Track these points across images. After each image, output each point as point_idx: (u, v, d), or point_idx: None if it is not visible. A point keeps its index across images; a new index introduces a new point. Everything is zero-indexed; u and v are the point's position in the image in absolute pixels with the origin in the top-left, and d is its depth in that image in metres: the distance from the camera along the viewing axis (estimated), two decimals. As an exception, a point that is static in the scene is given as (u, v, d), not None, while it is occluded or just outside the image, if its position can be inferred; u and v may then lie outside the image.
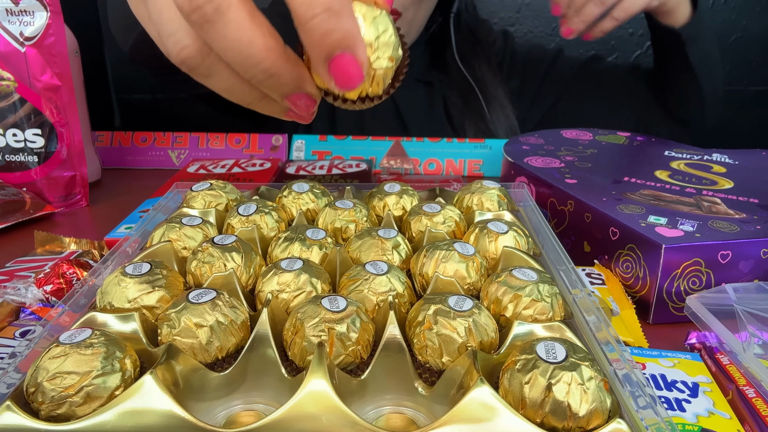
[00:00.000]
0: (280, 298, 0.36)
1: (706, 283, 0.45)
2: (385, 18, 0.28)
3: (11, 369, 0.30)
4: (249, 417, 0.31)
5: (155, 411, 0.27)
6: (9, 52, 0.62)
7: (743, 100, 1.18)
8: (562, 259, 0.41)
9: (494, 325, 0.34)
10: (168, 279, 0.37)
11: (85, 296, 0.37)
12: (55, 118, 0.65)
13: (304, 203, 0.50)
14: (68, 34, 0.67)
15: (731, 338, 0.38)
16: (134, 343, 0.32)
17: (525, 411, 0.27)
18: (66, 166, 0.67)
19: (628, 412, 0.28)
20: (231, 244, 0.40)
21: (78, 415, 0.28)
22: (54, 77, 0.64)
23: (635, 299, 0.46)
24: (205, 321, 0.32)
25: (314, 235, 0.42)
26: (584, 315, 0.35)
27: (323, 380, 0.28)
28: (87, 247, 0.54)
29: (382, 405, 0.32)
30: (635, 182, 0.57)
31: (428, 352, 0.32)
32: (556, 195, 0.57)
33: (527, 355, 0.29)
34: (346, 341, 0.32)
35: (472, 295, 0.38)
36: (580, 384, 0.27)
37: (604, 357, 0.32)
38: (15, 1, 0.61)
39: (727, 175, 0.60)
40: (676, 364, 0.38)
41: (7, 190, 0.64)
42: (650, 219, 0.48)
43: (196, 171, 0.74)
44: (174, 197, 0.54)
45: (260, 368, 0.32)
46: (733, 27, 1.13)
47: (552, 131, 0.75)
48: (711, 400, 0.35)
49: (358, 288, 0.36)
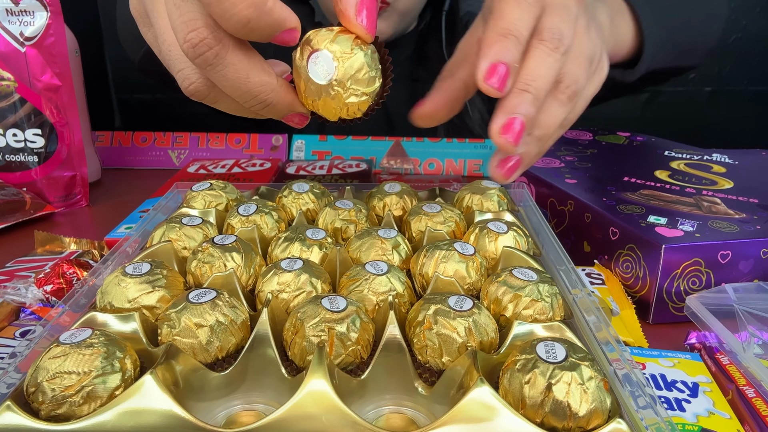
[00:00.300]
0: (280, 298, 0.36)
1: (706, 283, 0.45)
2: (360, 57, 0.30)
3: (11, 369, 0.30)
4: (249, 417, 0.31)
5: (155, 411, 0.27)
6: (9, 52, 0.62)
7: (743, 100, 1.18)
8: (562, 259, 0.41)
9: (494, 325, 0.34)
10: (168, 279, 0.37)
11: (85, 296, 0.37)
12: (55, 118, 0.65)
13: (304, 203, 0.50)
14: (68, 34, 0.67)
15: (731, 338, 0.38)
16: (134, 343, 0.32)
17: (525, 411, 0.27)
18: (66, 166, 0.67)
19: (628, 412, 0.28)
20: (231, 244, 0.40)
21: (78, 415, 0.28)
22: (54, 77, 0.64)
23: (635, 299, 0.46)
24: (205, 321, 0.32)
25: (314, 235, 0.42)
26: (584, 315, 0.35)
27: (323, 380, 0.28)
28: (87, 247, 0.54)
29: (382, 405, 0.32)
30: (635, 182, 0.57)
31: (428, 352, 0.32)
32: (556, 195, 0.57)
33: (527, 355, 0.29)
34: (346, 341, 0.32)
35: (472, 295, 0.38)
36: (580, 384, 0.27)
37: (604, 357, 0.32)
38: (15, 1, 0.61)
39: (727, 175, 0.60)
40: (676, 364, 0.38)
41: (7, 190, 0.64)
42: (650, 219, 0.48)
43: (196, 171, 0.74)
44: (174, 197, 0.54)
45: (260, 368, 0.32)
46: (733, 27, 1.13)
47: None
48: (711, 400, 0.35)
49: (358, 288, 0.36)
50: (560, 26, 0.36)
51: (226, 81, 0.29)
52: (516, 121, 0.33)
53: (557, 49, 0.35)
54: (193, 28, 0.27)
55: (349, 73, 0.30)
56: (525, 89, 0.34)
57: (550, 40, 0.35)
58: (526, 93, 0.34)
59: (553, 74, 0.35)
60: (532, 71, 0.34)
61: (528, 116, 0.34)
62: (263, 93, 0.30)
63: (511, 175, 0.37)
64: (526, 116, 0.34)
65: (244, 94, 0.29)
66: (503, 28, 0.34)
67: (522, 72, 0.35)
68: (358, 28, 0.30)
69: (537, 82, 0.34)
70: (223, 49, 0.28)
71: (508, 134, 0.33)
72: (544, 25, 0.36)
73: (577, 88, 0.37)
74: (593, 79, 0.41)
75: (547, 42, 0.35)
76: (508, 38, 0.34)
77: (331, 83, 0.30)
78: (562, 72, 0.36)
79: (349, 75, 0.30)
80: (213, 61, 0.28)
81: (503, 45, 0.34)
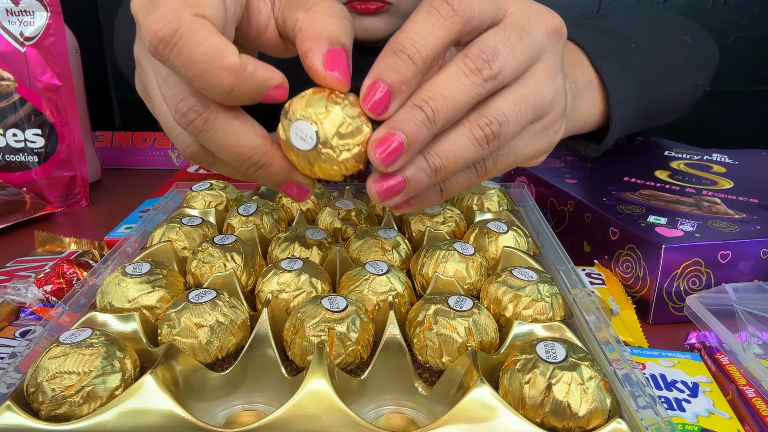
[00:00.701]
0: (280, 298, 0.36)
1: (706, 283, 0.45)
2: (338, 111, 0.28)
3: (11, 369, 0.30)
4: (249, 417, 0.31)
5: (155, 411, 0.27)
6: (9, 52, 0.63)
7: (743, 100, 1.18)
8: (562, 259, 0.41)
9: (494, 325, 0.34)
10: (168, 279, 0.37)
11: (85, 296, 0.37)
12: (55, 118, 0.65)
13: (304, 203, 0.50)
14: (68, 34, 0.67)
15: (731, 338, 0.38)
16: (134, 343, 0.32)
17: (525, 411, 0.27)
18: (66, 166, 0.67)
19: (628, 412, 0.28)
20: (231, 244, 0.40)
21: (78, 415, 0.28)
22: (54, 77, 0.64)
23: (635, 299, 0.46)
24: (205, 321, 0.32)
25: (314, 235, 0.42)
26: (584, 315, 0.35)
27: (323, 380, 0.28)
28: (87, 247, 0.54)
29: (382, 405, 0.32)
30: (635, 182, 0.57)
31: (428, 352, 0.32)
32: (556, 195, 0.57)
33: (527, 355, 0.29)
34: (346, 341, 0.32)
35: (472, 295, 0.38)
36: (580, 384, 0.27)
37: (604, 357, 0.32)
38: (15, 1, 0.61)
39: (727, 175, 0.60)
40: (676, 364, 0.38)
41: (7, 190, 0.64)
42: (650, 219, 0.48)
43: (196, 171, 0.74)
44: (174, 197, 0.54)
45: (260, 368, 0.32)
46: (733, 27, 1.12)
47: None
48: (711, 400, 0.35)
49: (358, 288, 0.36)
50: (496, 46, 0.29)
51: (218, 145, 0.29)
52: (393, 138, 0.28)
53: (479, 71, 0.28)
54: (182, 98, 0.28)
55: (331, 132, 0.28)
56: (418, 105, 0.28)
57: (473, 58, 0.28)
58: (417, 110, 0.28)
59: (464, 99, 0.28)
60: (435, 88, 0.28)
61: (412, 137, 0.28)
62: (255, 155, 0.29)
63: (387, 197, 0.30)
64: (409, 136, 0.28)
65: (236, 157, 0.29)
66: (396, 42, 0.28)
67: (422, 86, 0.29)
68: (330, 81, 0.28)
69: (436, 102, 0.28)
70: (212, 114, 0.28)
71: (381, 150, 0.28)
72: (477, 41, 0.29)
73: (501, 131, 0.30)
74: (536, 137, 0.33)
75: (469, 60, 0.28)
76: (398, 55, 0.28)
77: (317, 148, 0.29)
78: (486, 103, 0.30)
79: (332, 134, 0.28)
80: (203, 127, 0.28)
81: (389, 63, 0.28)
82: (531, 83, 0.31)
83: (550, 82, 0.32)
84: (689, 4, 1.09)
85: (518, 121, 0.30)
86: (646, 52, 0.57)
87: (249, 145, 0.29)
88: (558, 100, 0.33)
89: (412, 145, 0.28)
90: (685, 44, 0.65)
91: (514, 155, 0.33)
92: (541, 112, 0.32)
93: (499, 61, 0.29)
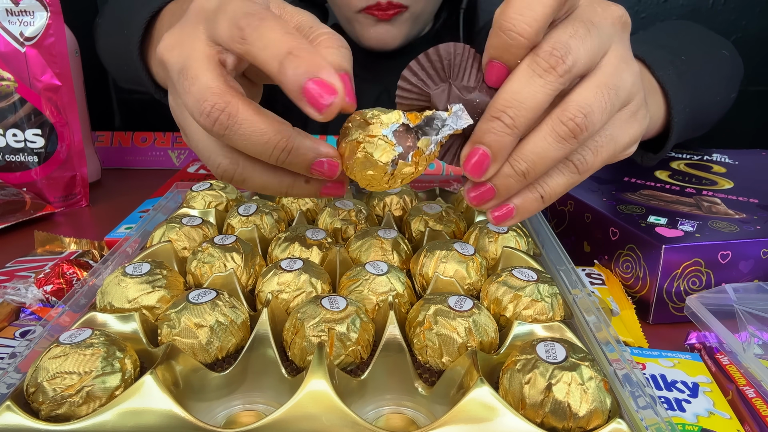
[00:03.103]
0: (280, 298, 0.36)
1: (706, 283, 0.45)
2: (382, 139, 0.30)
3: (11, 369, 0.30)
4: (249, 417, 0.31)
5: (155, 411, 0.27)
6: (9, 52, 0.62)
7: (743, 100, 1.18)
8: (562, 259, 0.41)
9: (494, 325, 0.34)
10: (168, 279, 0.37)
11: (85, 296, 0.37)
12: (55, 118, 0.65)
13: (304, 203, 0.50)
14: (68, 34, 0.67)
15: (731, 338, 0.38)
16: (134, 343, 0.32)
17: (525, 411, 0.27)
18: (66, 166, 0.67)
19: (628, 412, 0.28)
20: (231, 244, 0.40)
21: (78, 415, 0.28)
22: (54, 77, 0.64)
23: (635, 299, 0.46)
24: (205, 321, 0.32)
25: (314, 235, 0.42)
26: (584, 315, 0.35)
27: (323, 380, 0.28)
28: (87, 247, 0.54)
29: (382, 405, 0.32)
30: (635, 182, 0.57)
31: (428, 352, 0.32)
32: (556, 195, 0.57)
33: (527, 355, 0.29)
34: (346, 341, 0.32)
35: (472, 295, 0.38)
36: (580, 384, 0.27)
37: (604, 357, 0.32)
38: (15, 1, 0.61)
39: (727, 175, 0.60)
40: (676, 364, 0.38)
41: (7, 190, 0.64)
42: (650, 219, 0.48)
43: (196, 171, 0.74)
44: (174, 197, 0.54)
45: (260, 368, 0.32)
46: (733, 27, 1.12)
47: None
48: (711, 400, 0.35)
49: (358, 288, 0.36)
50: (567, 41, 0.29)
51: (245, 138, 0.29)
52: (478, 152, 0.30)
53: (552, 70, 0.28)
54: (203, 100, 0.29)
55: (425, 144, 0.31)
56: (497, 116, 0.29)
57: (545, 57, 0.28)
58: (496, 121, 0.29)
59: (542, 99, 0.29)
60: (510, 95, 0.29)
61: (495, 147, 0.29)
62: (282, 140, 0.30)
63: (482, 202, 0.32)
64: (491, 147, 0.29)
65: (264, 145, 0.30)
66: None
67: (498, 94, 0.29)
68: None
69: (514, 109, 0.29)
70: (234, 107, 0.29)
71: (469, 164, 0.30)
72: (547, 38, 0.29)
73: (587, 122, 0.29)
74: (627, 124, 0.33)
75: (540, 59, 0.28)
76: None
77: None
78: (567, 98, 0.30)
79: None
80: (228, 122, 0.29)
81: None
82: (608, 71, 0.31)
83: (626, 67, 0.31)
84: (689, 4, 1.09)
85: (603, 107, 0.30)
86: (695, 65, 0.59)
87: (274, 131, 0.29)
88: (638, 85, 0.33)
89: (498, 154, 0.30)
90: (725, 58, 0.67)
91: (613, 145, 0.32)
92: (625, 97, 0.32)
93: (572, 55, 0.29)
